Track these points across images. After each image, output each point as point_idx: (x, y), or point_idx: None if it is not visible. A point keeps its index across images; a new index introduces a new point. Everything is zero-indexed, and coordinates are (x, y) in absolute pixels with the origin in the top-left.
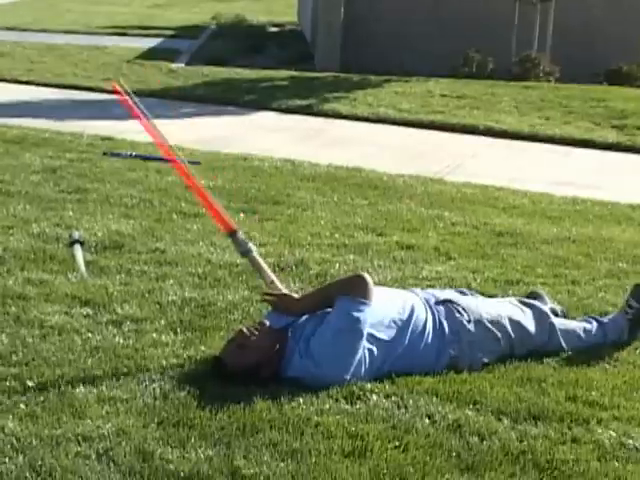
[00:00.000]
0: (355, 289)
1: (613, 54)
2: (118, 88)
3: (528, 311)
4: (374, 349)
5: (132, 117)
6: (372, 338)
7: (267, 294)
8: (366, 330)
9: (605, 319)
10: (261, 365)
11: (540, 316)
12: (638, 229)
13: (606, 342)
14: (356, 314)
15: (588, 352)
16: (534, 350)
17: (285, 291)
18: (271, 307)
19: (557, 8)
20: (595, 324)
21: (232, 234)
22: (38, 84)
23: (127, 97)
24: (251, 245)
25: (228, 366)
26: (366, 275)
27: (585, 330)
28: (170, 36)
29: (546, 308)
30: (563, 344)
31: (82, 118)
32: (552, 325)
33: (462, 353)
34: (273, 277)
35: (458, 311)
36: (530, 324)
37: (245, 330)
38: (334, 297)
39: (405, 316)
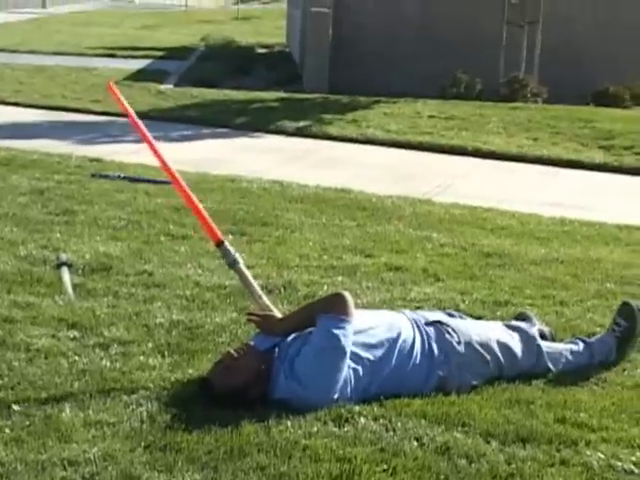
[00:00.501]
0: (335, 307)
1: (600, 75)
2: (113, 88)
3: (515, 335)
4: (359, 369)
5: (125, 116)
6: (357, 357)
7: (251, 314)
8: (349, 347)
9: (592, 339)
10: (248, 386)
11: (527, 339)
12: (626, 250)
13: (593, 363)
14: (337, 331)
15: (576, 374)
16: (522, 372)
17: (271, 306)
18: (256, 327)
19: (544, 30)
20: (582, 345)
21: (219, 244)
22: (26, 105)
23: (121, 98)
24: (238, 257)
25: (215, 387)
26: (345, 293)
27: (572, 351)
28: (159, 57)
29: (533, 330)
30: (550, 366)
31: (70, 140)
32: (539, 348)
33: (451, 375)
34: (259, 291)
35: (448, 332)
36: (518, 347)
37: (232, 352)
38: (315, 316)
39: (392, 335)
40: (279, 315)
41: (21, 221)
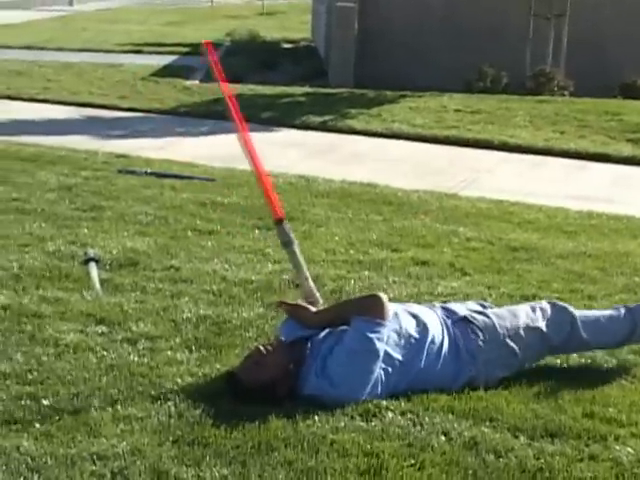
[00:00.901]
0: (372, 310)
1: (627, 68)
2: (210, 46)
3: (546, 306)
4: (389, 369)
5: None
6: (387, 357)
7: (284, 302)
8: (382, 351)
9: (634, 305)
10: (277, 382)
11: (560, 310)
12: None
13: (636, 331)
14: (371, 335)
15: (604, 368)
16: (556, 349)
17: (315, 291)
18: (286, 314)
19: (571, 22)
20: (623, 310)
21: (279, 222)
22: (54, 102)
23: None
24: (293, 238)
25: (244, 382)
26: (382, 295)
27: (612, 317)
28: (184, 53)
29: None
30: (584, 336)
31: (97, 136)
32: (573, 317)
33: (479, 372)
34: (307, 274)
35: (473, 331)
36: (547, 322)
37: (262, 348)
38: (350, 316)
39: (422, 336)
40: (320, 301)
41: (49, 217)
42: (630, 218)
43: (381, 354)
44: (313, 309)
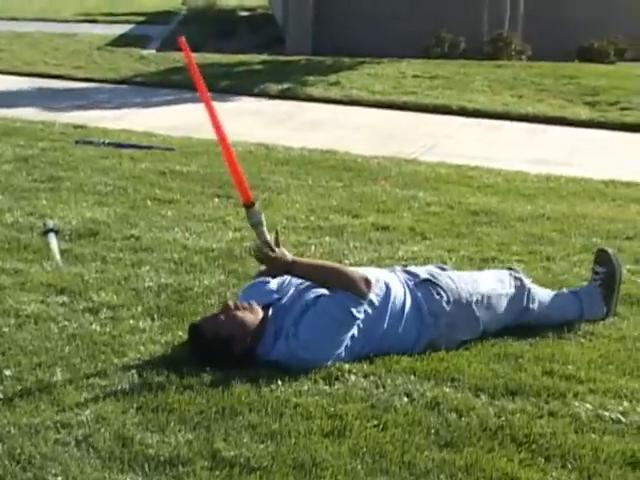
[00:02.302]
0: (360, 291)
1: (584, 31)
2: (184, 43)
3: (507, 278)
4: (355, 333)
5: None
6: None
7: (259, 251)
8: (357, 323)
9: (577, 288)
10: (234, 339)
11: (519, 285)
12: (612, 205)
13: (583, 307)
14: (353, 309)
15: (563, 327)
16: (511, 320)
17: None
18: (262, 263)
19: None
20: (566, 291)
21: (249, 205)
22: (7, 73)
23: (190, 55)
24: (263, 219)
25: (203, 332)
26: (372, 279)
27: (560, 297)
28: (140, 22)
29: (523, 275)
30: (534, 308)
31: (53, 107)
32: (529, 291)
33: (441, 335)
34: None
35: (437, 292)
36: (508, 294)
37: (230, 303)
38: (335, 286)
39: (383, 298)
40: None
41: (6, 189)
42: (588, 180)
43: (355, 327)
44: (290, 258)
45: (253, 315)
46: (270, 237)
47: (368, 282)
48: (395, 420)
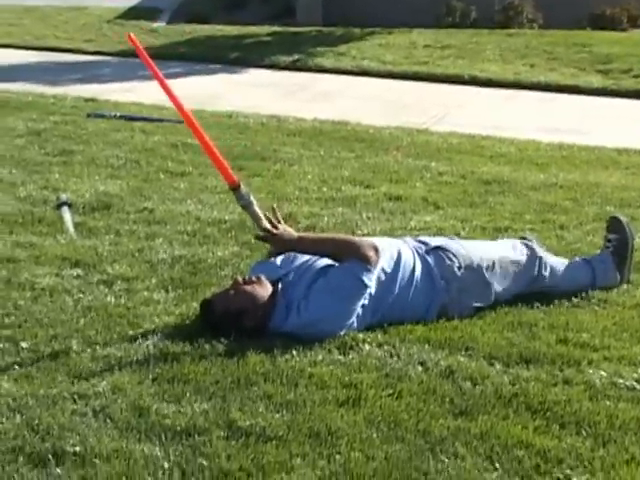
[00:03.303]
0: (368, 257)
1: None
2: (134, 39)
3: (519, 246)
4: (365, 302)
5: (147, 69)
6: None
7: (264, 232)
8: (368, 291)
9: (589, 257)
10: (244, 313)
11: (531, 252)
12: (625, 173)
13: (596, 275)
14: (364, 277)
15: (578, 295)
16: (523, 287)
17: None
18: (269, 243)
19: None
20: (579, 259)
21: (235, 188)
22: (18, 47)
23: (141, 48)
24: (252, 198)
25: (214, 307)
26: (379, 246)
27: (572, 266)
28: None
29: (535, 244)
30: (546, 275)
31: (65, 80)
32: (541, 260)
33: (452, 300)
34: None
35: (449, 258)
36: (521, 261)
37: (239, 278)
38: (343, 256)
39: (393, 265)
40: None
41: (19, 163)
42: (601, 149)
43: (366, 295)
44: (295, 234)
45: (262, 289)
46: (261, 214)
47: (376, 248)
48: (410, 389)
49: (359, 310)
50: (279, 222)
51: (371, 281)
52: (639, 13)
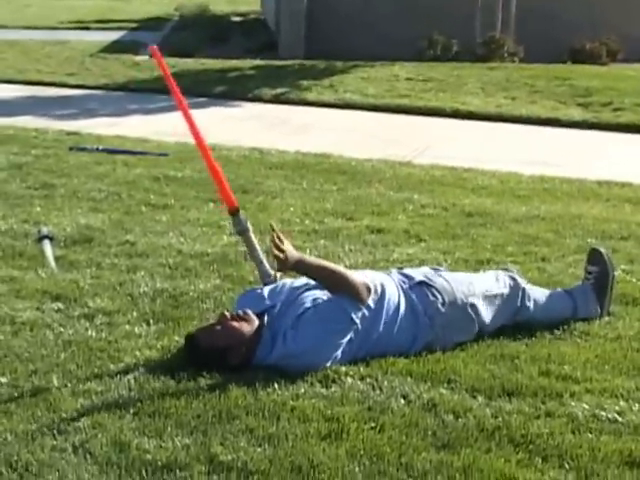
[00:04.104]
0: (361, 297)
1: (576, 32)
2: (156, 51)
3: (502, 278)
4: (352, 336)
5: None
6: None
7: (275, 245)
8: (355, 328)
9: (570, 288)
10: (230, 349)
11: (514, 285)
12: (606, 205)
13: (577, 306)
14: (354, 317)
15: (560, 327)
16: (506, 320)
17: (271, 271)
18: (276, 262)
19: None
20: (560, 290)
21: (234, 212)
22: (0, 81)
23: (163, 61)
24: (249, 225)
25: (199, 343)
26: (372, 286)
27: (554, 296)
28: (133, 29)
29: (517, 275)
30: (531, 306)
31: (47, 113)
32: (524, 291)
33: (437, 337)
34: (262, 257)
35: (432, 294)
36: (503, 295)
37: (226, 313)
38: (338, 289)
39: (377, 300)
40: (278, 279)
41: (0, 196)
42: (582, 181)
43: (352, 332)
44: (296, 255)
45: (249, 325)
46: (256, 243)
47: (369, 289)
48: (392, 422)
49: (345, 345)
50: (282, 242)
51: (359, 319)
52: (618, 47)
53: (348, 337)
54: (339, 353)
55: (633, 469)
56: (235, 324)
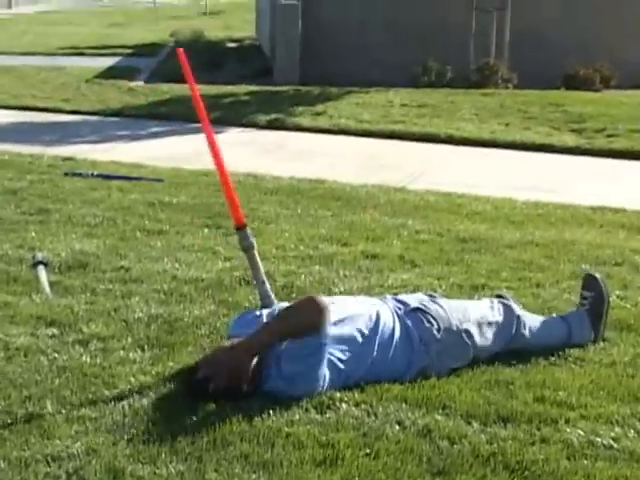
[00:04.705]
0: (315, 326)
1: (570, 58)
2: (182, 53)
3: (496, 306)
4: (343, 359)
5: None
6: (340, 349)
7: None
8: (325, 360)
9: (565, 315)
10: (234, 387)
11: (508, 312)
12: (600, 231)
13: (571, 332)
14: (322, 339)
15: (554, 353)
16: (501, 347)
17: (270, 293)
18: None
19: (513, 15)
20: (558, 318)
21: (241, 228)
22: None
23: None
24: (254, 242)
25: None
26: (317, 299)
27: (549, 322)
28: (128, 54)
29: (512, 302)
30: (527, 334)
31: (42, 139)
32: (519, 319)
33: (432, 362)
34: (264, 278)
35: (428, 320)
36: (498, 322)
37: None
38: (290, 332)
39: (373, 326)
40: (275, 302)
41: None
42: (576, 207)
43: (327, 351)
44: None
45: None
46: (259, 262)
47: (319, 309)
48: (387, 448)
49: (336, 364)
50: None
51: (327, 337)
52: (612, 74)
53: (325, 360)
54: (327, 379)
55: None
56: (244, 362)
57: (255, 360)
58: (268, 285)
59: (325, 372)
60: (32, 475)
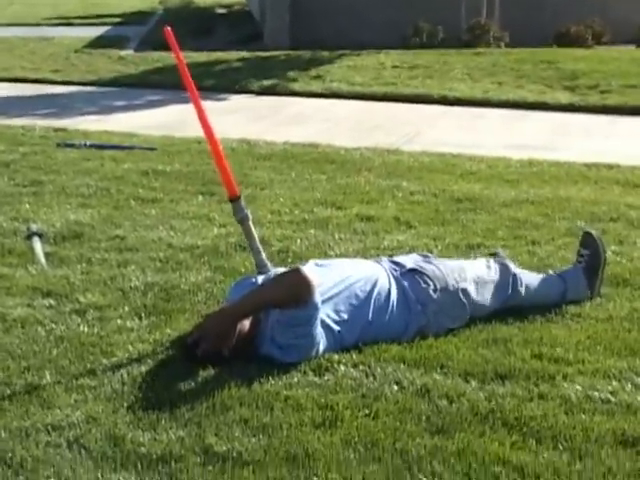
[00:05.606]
0: (297, 296)
1: (561, 16)
2: (170, 33)
3: (493, 265)
4: (339, 324)
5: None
6: (335, 313)
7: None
8: (317, 332)
9: (561, 272)
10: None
11: (504, 270)
12: (594, 187)
13: (567, 288)
14: (312, 312)
15: (551, 310)
16: (498, 306)
17: (267, 262)
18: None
19: None
20: (552, 273)
21: (235, 199)
22: None
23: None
24: (249, 213)
25: (195, 352)
26: (302, 271)
27: (545, 280)
28: (117, 23)
29: (508, 262)
30: (523, 291)
31: (33, 110)
32: (515, 277)
33: (429, 322)
34: (260, 247)
35: (424, 281)
36: (494, 281)
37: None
38: (276, 303)
39: (369, 288)
40: (271, 270)
41: None
42: (570, 164)
43: (319, 319)
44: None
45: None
46: (255, 233)
47: (305, 284)
48: (386, 408)
49: (331, 326)
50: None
51: (316, 310)
52: (603, 30)
53: (318, 322)
54: (327, 344)
55: (626, 448)
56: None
57: (247, 325)
58: (264, 254)
59: (319, 339)
60: (33, 444)
